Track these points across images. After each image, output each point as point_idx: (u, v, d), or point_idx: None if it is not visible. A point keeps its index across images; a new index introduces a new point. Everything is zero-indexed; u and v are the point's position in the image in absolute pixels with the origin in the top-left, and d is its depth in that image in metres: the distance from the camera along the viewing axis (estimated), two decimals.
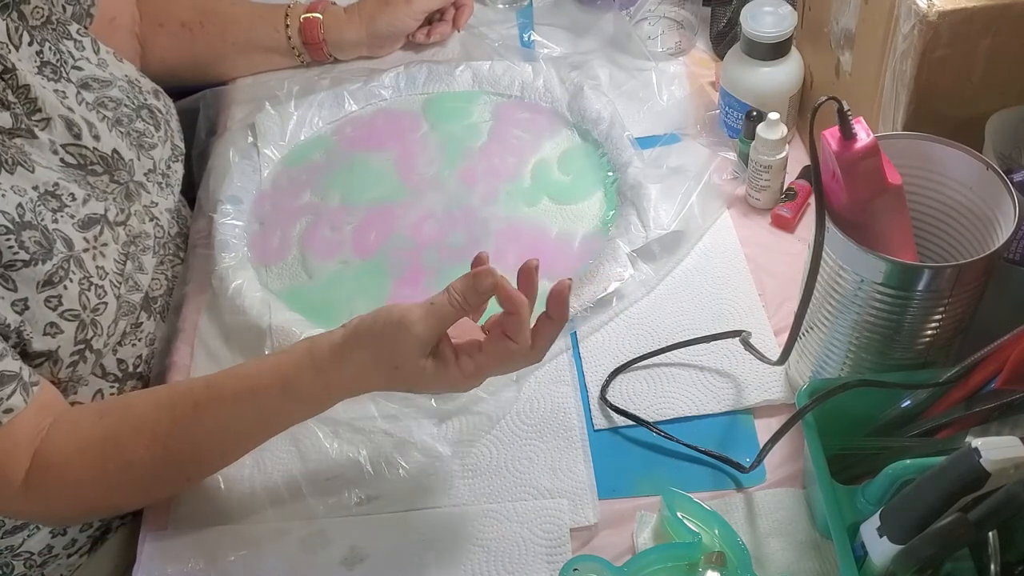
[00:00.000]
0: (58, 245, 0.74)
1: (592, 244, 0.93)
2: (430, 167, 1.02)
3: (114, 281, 0.79)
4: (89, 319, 0.76)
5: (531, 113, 1.06)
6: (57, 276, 0.73)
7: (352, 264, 0.94)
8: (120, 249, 0.81)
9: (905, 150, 0.70)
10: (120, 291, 0.80)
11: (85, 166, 0.80)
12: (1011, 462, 0.55)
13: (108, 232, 0.79)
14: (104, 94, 0.85)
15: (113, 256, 0.80)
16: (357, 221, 0.98)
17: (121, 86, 0.87)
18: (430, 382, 0.68)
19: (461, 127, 1.06)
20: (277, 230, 0.98)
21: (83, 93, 0.82)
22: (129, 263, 0.82)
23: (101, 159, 0.81)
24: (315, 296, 0.92)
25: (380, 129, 1.07)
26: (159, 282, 0.90)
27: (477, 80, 1.09)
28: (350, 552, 0.75)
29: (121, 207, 0.82)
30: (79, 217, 0.77)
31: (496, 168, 1.01)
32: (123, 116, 0.86)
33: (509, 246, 0.94)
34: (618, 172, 0.98)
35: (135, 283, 0.83)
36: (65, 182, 0.77)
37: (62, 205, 0.76)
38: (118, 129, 0.84)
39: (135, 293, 0.83)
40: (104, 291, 0.77)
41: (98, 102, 0.84)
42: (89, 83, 0.84)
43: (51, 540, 0.83)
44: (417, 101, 1.10)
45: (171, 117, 0.94)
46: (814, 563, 0.72)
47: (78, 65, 0.84)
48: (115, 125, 0.84)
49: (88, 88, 0.84)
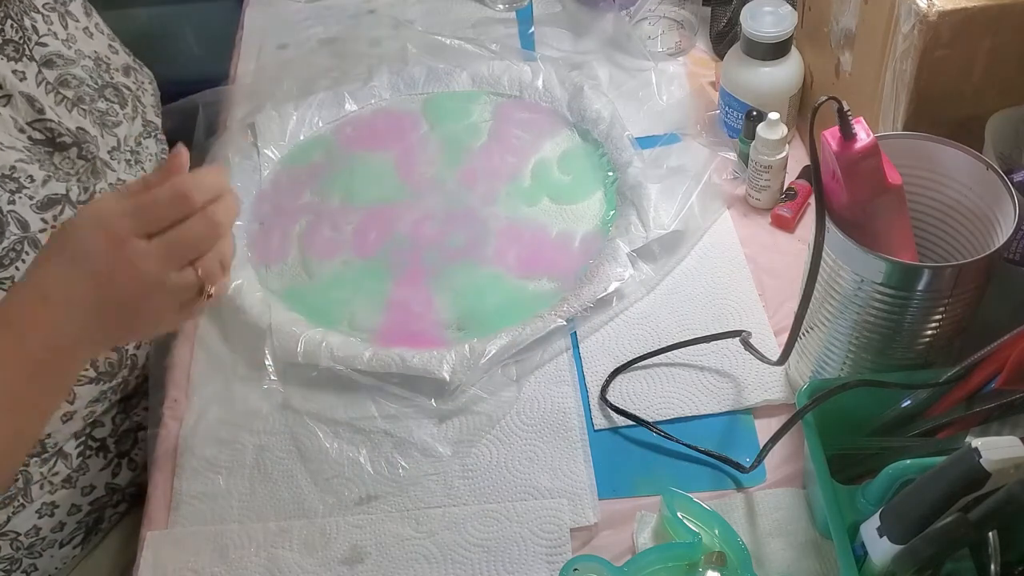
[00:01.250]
0: (11, 227, 0.73)
1: (592, 244, 0.93)
2: (430, 167, 1.02)
3: None
4: None
5: (531, 113, 1.06)
6: (8, 258, 0.72)
7: (352, 264, 0.94)
8: None
9: (905, 150, 0.70)
10: None
11: (53, 139, 0.79)
12: (1011, 462, 0.55)
13: (69, 211, 0.78)
14: (67, 71, 0.84)
15: None
16: (357, 221, 0.98)
17: (86, 65, 0.86)
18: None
19: (461, 127, 1.06)
20: (277, 230, 0.98)
21: (44, 72, 0.81)
22: None
23: (68, 131, 0.80)
24: (315, 296, 0.92)
25: (380, 129, 1.07)
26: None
27: (477, 80, 1.09)
28: (351, 551, 0.75)
29: (85, 186, 0.81)
30: (38, 198, 0.76)
31: (496, 168, 1.01)
32: (84, 95, 0.85)
33: (509, 246, 0.94)
34: (618, 172, 0.98)
35: None
36: (25, 164, 0.76)
37: (19, 187, 0.75)
38: (79, 108, 0.83)
39: None
40: None
41: (59, 80, 0.83)
42: (53, 60, 0.83)
43: (37, 521, 0.82)
44: (417, 101, 1.10)
45: (143, 93, 0.93)
46: (814, 563, 0.72)
47: (42, 41, 0.83)
48: (75, 105, 0.83)
49: (50, 65, 0.83)
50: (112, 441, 0.87)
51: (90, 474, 0.85)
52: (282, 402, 0.84)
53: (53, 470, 0.82)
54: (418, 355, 0.83)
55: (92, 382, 0.83)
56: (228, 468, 0.81)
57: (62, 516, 0.84)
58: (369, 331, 0.88)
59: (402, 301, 0.90)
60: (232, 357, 0.88)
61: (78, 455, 0.84)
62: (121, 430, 0.87)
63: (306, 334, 0.85)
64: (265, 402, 0.84)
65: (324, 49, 1.17)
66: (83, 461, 0.84)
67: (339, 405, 0.83)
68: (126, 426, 0.88)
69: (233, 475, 0.80)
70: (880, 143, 0.64)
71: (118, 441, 0.87)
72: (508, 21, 1.18)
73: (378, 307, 0.90)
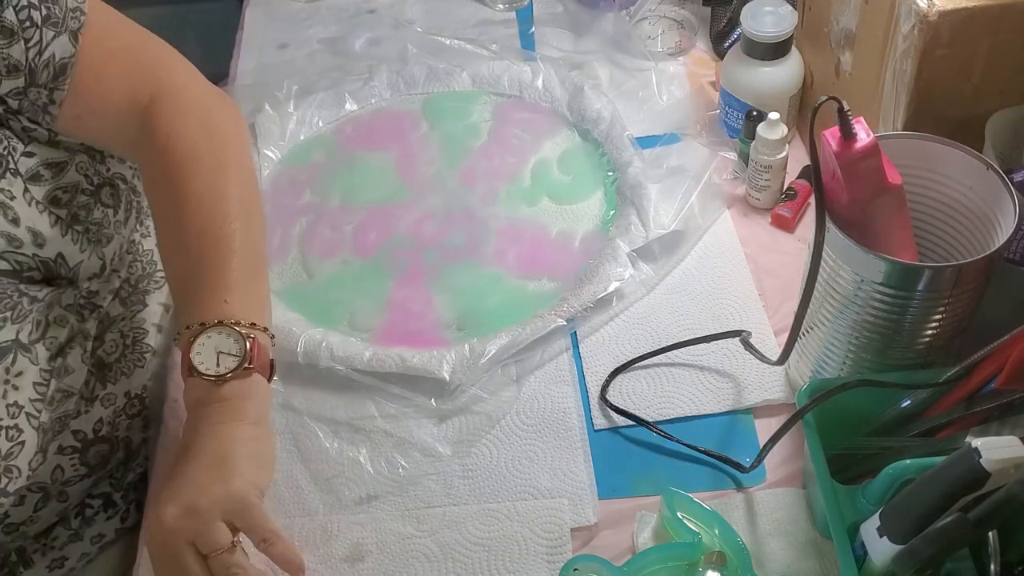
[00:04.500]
0: None
1: (592, 244, 0.93)
2: (430, 167, 1.02)
3: (32, 412, 0.73)
4: (1, 467, 0.71)
5: (531, 113, 1.06)
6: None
7: (352, 264, 0.94)
8: (44, 367, 0.74)
9: (905, 150, 0.70)
10: (42, 418, 0.74)
11: (20, 272, 0.73)
12: (1011, 462, 0.55)
13: (23, 357, 0.72)
14: (57, 184, 0.76)
15: (32, 380, 0.73)
16: (357, 221, 0.98)
17: (80, 163, 0.79)
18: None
19: (461, 127, 1.06)
20: (277, 230, 0.98)
21: (31, 190, 0.74)
22: (54, 380, 0.75)
23: (42, 264, 0.74)
24: (315, 296, 0.92)
25: (380, 129, 1.07)
26: (114, 343, 0.84)
27: (477, 80, 1.09)
28: (352, 549, 0.75)
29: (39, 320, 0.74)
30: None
31: (496, 168, 1.01)
32: (80, 209, 0.78)
33: (509, 246, 0.94)
34: (618, 172, 0.98)
35: (66, 390, 0.76)
36: None
37: None
38: (73, 229, 0.77)
39: (67, 401, 0.77)
40: (19, 431, 0.72)
41: (49, 198, 0.75)
42: (40, 173, 0.75)
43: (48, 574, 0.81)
44: (417, 101, 1.10)
45: (137, 178, 0.88)
46: (814, 563, 0.72)
47: (29, 151, 0.75)
48: (70, 225, 0.77)
49: (38, 180, 0.75)
50: (119, 496, 0.85)
51: (97, 526, 0.83)
52: (282, 402, 0.84)
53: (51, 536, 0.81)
54: (418, 355, 0.83)
55: (84, 478, 0.80)
56: None
57: (72, 564, 0.83)
58: (369, 331, 0.88)
59: (402, 301, 0.90)
60: None
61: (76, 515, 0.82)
62: (126, 483, 0.85)
63: (306, 334, 0.85)
64: None
65: (324, 49, 1.17)
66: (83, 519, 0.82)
67: (339, 405, 0.83)
68: (131, 478, 0.86)
69: None
70: (880, 143, 0.64)
71: (125, 494, 0.85)
72: (508, 21, 1.18)
73: (378, 307, 0.90)
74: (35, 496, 0.76)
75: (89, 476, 0.80)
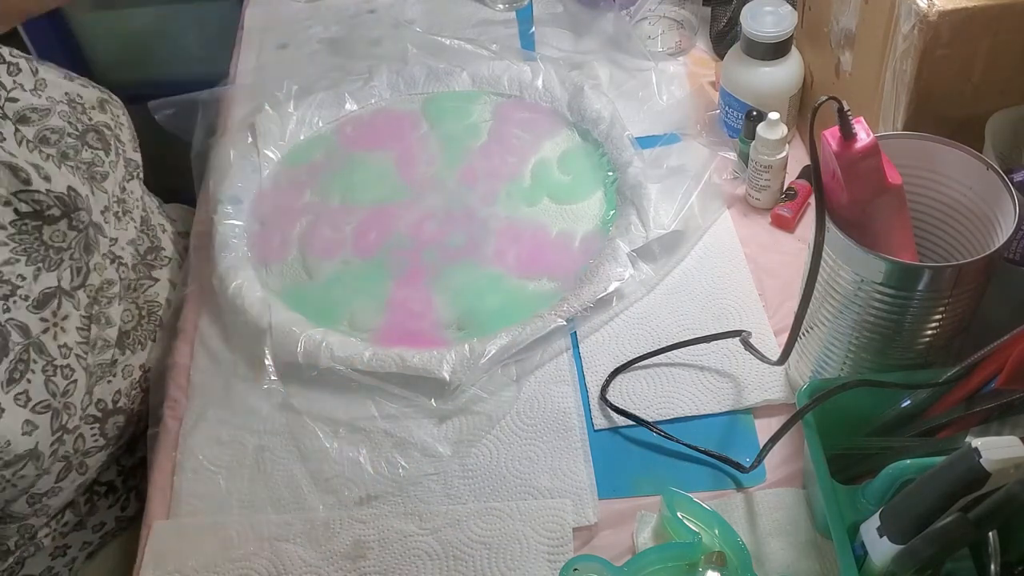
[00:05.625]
0: (13, 337, 0.71)
1: (592, 244, 0.93)
2: (430, 167, 1.02)
3: (80, 353, 0.76)
4: (61, 404, 0.73)
5: (531, 113, 1.06)
6: (18, 371, 0.70)
7: (352, 264, 0.94)
8: (83, 314, 0.78)
9: (905, 150, 0.70)
10: (88, 360, 0.77)
11: (42, 212, 0.75)
12: (1011, 462, 0.55)
13: (67, 303, 0.76)
14: (45, 126, 0.80)
15: (75, 325, 0.77)
16: (357, 221, 0.98)
17: (62, 111, 0.83)
18: None
19: (461, 127, 1.06)
20: (277, 230, 0.98)
21: (22, 130, 0.77)
22: (94, 327, 0.79)
23: (58, 200, 0.76)
24: (315, 296, 0.92)
25: (380, 129, 1.07)
26: (130, 313, 0.88)
27: (476, 80, 1.09)
28: (354, 546, 0.75)
29: (78, 266, 0.78)
30: (33, 297, 0.73)
31: (496, 168, 1.01)
32: (68, 148, 0.81)
33: (509, 246, 0.94)
34: (618, 172, 0.98)
35: (105, 341, 0.81)
36: (11, 264, 0.72)
37: (13, 289, 0.72)
38: (66, 165, 0.79)
39: (106, 351, 0.81)
40: (71, 369, 0.75)
41: (40, 137, 0.79)
42: (27, 115, 0.80)
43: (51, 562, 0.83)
44: (417, 101, 1.10)
45: (120, 129, 0.90)
46: (814, 563, 0.72)
47: (12, 96, 0.79)
48: (62, 161, 0.79)
49: (26, 122, 0.79)
50: (120, 480, 0.86)
51: (99, 514, 0.85)
52: (282, 402, 0.84)
53: (62, 520, 0.82)
54: (418, 355, 0.83)
55: (102, 450, 0.83)
56: (228, 468, 0.81)
57: (75, 553, 0.84)
58: (369, 331, 0.88)
59: (402, 301, 0.90)
60: (232, 357, 0.88)
61: (86, 502, 0.84)
62: (128, 468, 0.87)
63: (306, 334, 0.85)
64: (265, 402, 0.84)
65: (324, 49, 1.17)
66: (92, 506, 0.84)
67: (339, 405, 0.83)
68: (131, 463, 0.88)
69: (233, 475, 0.80)
70: (880, 143, 0.64)
71: (126, 479, 0.87)
72: (508, 21, 1.18)
73: (378, 307, 0.90)
74: (59, 465, 0.78)
75: (105, 448, 0.82)
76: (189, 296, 0.92)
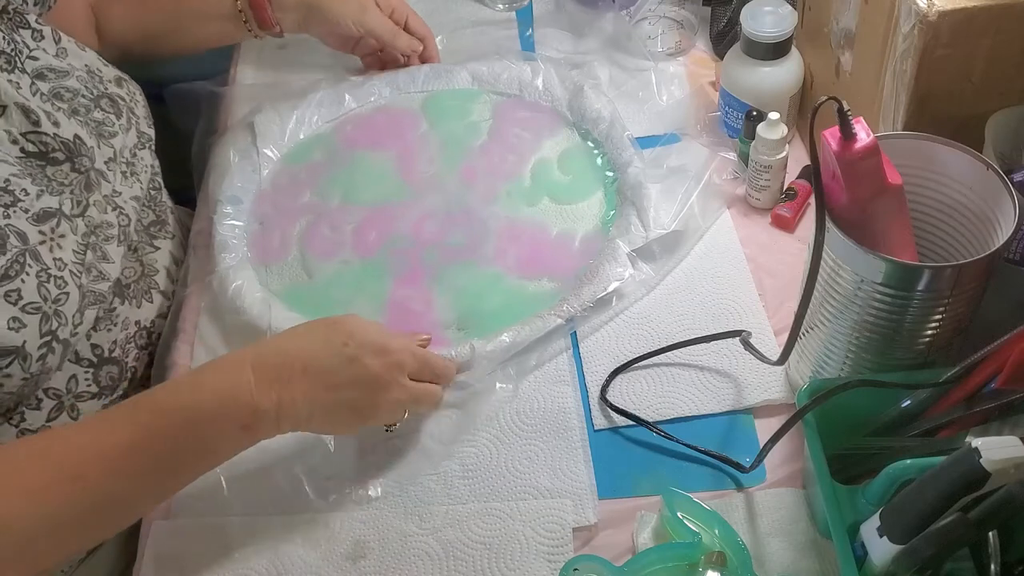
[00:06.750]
0: (11, 240, 0.73)
1: (592, 244, 0.93)
2: (430, 166, 1.02)
3: (74, 271, 0.78)
4: (52, 310, 0.75)
5: (531, 112, 1.06)
6: (13, 270, 0.72)
7: (352, 264, 0.94)
8: (80, 240, 0.80)
9: (905, 150, 0.70)
10: (82, 280, 0.79)
11: (47, 154, 0.79)
12: (1011, 462, 0.55)
13: (65, 224, 0.78)
14: (60, 84, 0.84)
15: (72, 247, 0.79)
16: (357, 220, 0.98)
17: (79, 75, 0.86)
18: (374, 338, 0.74)
19: (461, 126, 1.06)
20: (277, 230, 0.98)
21: (37, 83, 0.81)
22: (90, 253, 0.81)
23: (63, 145, 0.80)
24: (315, 296, 0.92)
25: (380, 127, 1.07)
26: (132, 269, 0.89)
27: (476, 78, 1.09)
28: (354, 547, 0.75)
29: (79, 199, 0.81)
30: (33, 211, 0.76)
31: (496, 167, 1.01)
32: (80, 106, 0.84)
33: (509, 246, 0.94)
34: (618, 172, 0.98)
35: (100, 272, 0.82)
36: (18, 178, 0.76)
37: (15, 200, 0.75)
38: (76, 118, 0.83)
39: (101, 282, 0.82)
40: (64, 281, 0.77)
41: (53, 92, 0.82)
42: (44, 73, 0.83)
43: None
44: (416, 99, 1.09)
45: (136, 104, 0.93)
46: (814, 563, 0.72)
47: (33, 55, 0.83)
48: (72, 115, 0.82)
49: (43, 78, 0.82)
50: None
51: None
52: None
53: None
54: None
55: (94, 397, 0.83)
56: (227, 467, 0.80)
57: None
58: None
59: (402, 301, 0.90)
60: None
61: None
62: None
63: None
64: None
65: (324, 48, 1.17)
66: None
67: None
68: None
69: (232, 474, 0.80)
70: (880, 143, 0.64)
71: None
72: (508, 21, 1.18)
73: (378, 307, 0.90)
74: (51, 403, 0.79)
75: (98, 398, 0.83)
76: (189, 296, 0.92)
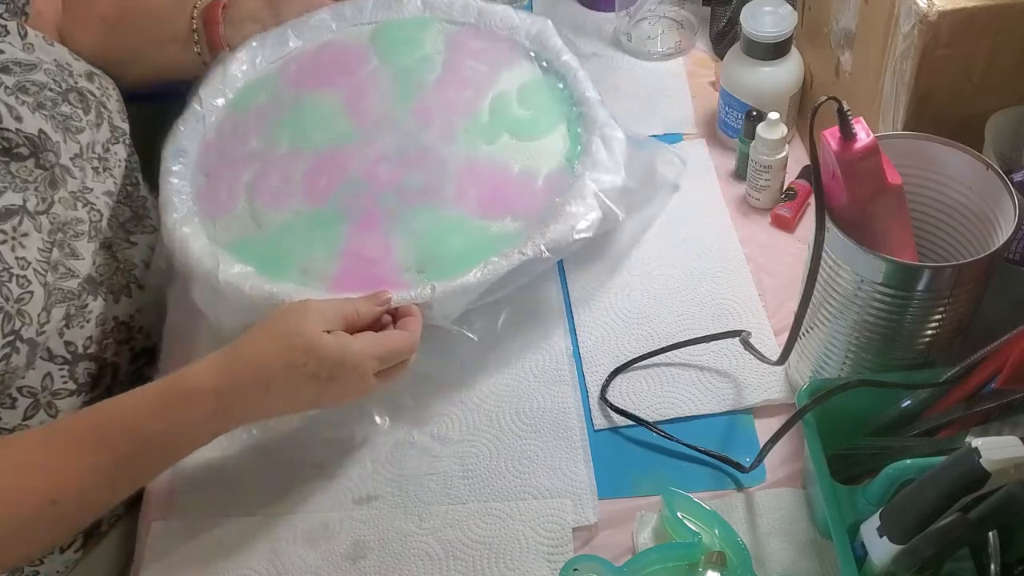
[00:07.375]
0: None
1: (557, 181, 0.87)
2: (382, 105, 0.94)
3: (39, 269, 0.77)
4: (15, 309, 0.74)
5: (487, 42, 0.98)
6: None
7: (303, 212, 0.88)
8: (45, 237, 0.78)
9: (905, 150, 0.70)
10: (47, 278, 0.78)
11: (10, 150, 0.77)
12: (1011, 462, 0.55)
13: (28, 222, 0.77)
14: (26, 78, 0.81)
15: (36, 245, 0.77)
16: (307, 166, 0.91)
17: (48, 69, 0.84)
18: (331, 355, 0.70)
19: (413, 60, 0.97)
20: (224, 181, 0.91)
21: (1, 77, 0.79)
22: (56, 250, 0.79)
23: (27, 140, 0.78)
24: (266, 247, 0.85)
25: (327, 65, 0.98)
26: (107, 266, 0.87)
27: (428, 6, 1.01)
28: (353, 547, 0.75)
29: (43, 196, 0.79)
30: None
31: (452, 104, 0.93)
32: (46, 100, 0.82)
33: (469, 186, 0.88)
34: (582, 106, 0.92)
35: (68, 269, 0.81)
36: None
37: None
38: (41, 112, 0.80)
39: (70, 279, 0.81)
40: (27, 280, 0.75)
41: (18, 86, 0.80)
42: (10, 67, 0.81)
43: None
44: (364, 32, 1.00)
45: (108, 99, 0.90)
46: (814, 563, 0.72)
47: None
48: (37, 108, 0.80)
49: (8, 72, 0.80)
50: None
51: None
52: None
53: None
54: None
55: (72, 394, 0.82)
56: (226, 467, 0.81)
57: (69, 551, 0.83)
58: (324, 279, 0.83)
59: (357, 247, 0.85)
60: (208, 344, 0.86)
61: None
62: None
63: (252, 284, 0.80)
64: None
65: None
66: None
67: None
68: None
69: (232, 473, 0.80)
70: (880, 143, 0.64)
71: None
72: None
73: (332, 255, 0.85)
74: (26, 401, 0.79)
75: (77, 394, 0.82)
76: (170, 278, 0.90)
